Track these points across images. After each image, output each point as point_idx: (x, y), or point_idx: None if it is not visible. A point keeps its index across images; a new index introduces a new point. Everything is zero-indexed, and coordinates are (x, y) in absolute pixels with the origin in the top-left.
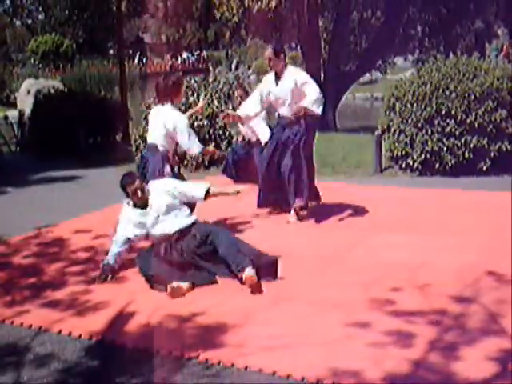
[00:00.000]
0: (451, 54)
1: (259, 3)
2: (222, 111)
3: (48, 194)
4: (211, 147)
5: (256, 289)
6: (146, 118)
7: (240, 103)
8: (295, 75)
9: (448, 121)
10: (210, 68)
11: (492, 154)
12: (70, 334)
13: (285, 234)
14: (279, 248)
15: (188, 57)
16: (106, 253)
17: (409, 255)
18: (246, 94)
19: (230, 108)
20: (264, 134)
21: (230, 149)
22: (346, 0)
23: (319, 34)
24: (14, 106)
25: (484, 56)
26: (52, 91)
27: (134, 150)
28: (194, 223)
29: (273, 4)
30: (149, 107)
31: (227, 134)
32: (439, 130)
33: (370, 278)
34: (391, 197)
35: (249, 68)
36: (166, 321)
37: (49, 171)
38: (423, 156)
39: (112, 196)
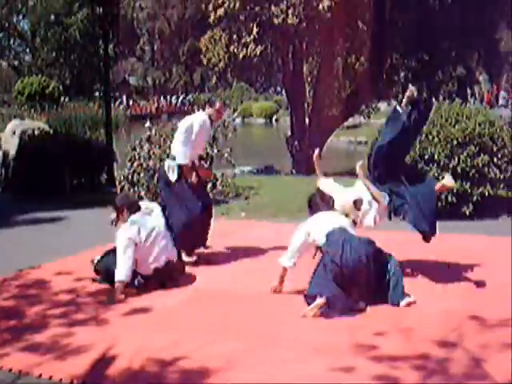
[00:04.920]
0: (434, 100)
1: (245, 50)
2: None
3: (31, 235)
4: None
5: None
6: (131, 159)
7: None
8: None
9: (431, 165)
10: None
11: (475, 199)
12: (50, 377)
13: (266, 275)
14: (262, 288)
15: (174, 99)
16: (88, 295)
17: None
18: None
19: (216, 151)
20: None
21: None
22: (330, 46)
23: (304, 79)
24: None
25: (466, 102)
26: (37, 132)
27: (118, 191)
28: None
29: (258, 51)
30: (134, 149)
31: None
32: None
33: (355, 321)
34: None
35: (234, 111)
36: (148, 365)
37: (33, 212)
38: None
39: (96, 238)
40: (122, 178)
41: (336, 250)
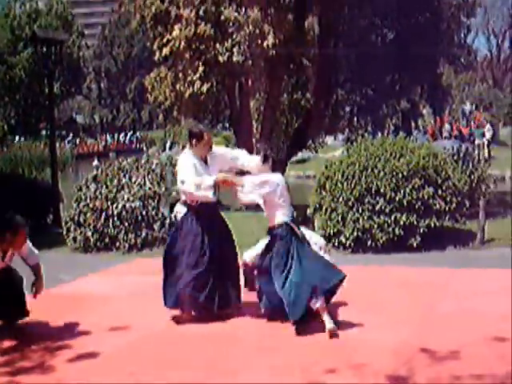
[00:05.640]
0: (379, 133)
1: (191, 88)
2: (154, 192)
3: None
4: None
5: None
6: (77, 200)
7: None
8: None
9: (378, 199)
10: (144, 148)
11: (421, 231)
12: None
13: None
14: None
15: (122, 137)
16: (34, 341)
17: (343, 334)
18: None
19: (163, 189)
20: None
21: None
22: (277, 83)
23: (251, 115)
24: None
25: (410, 135)
26: None
27: (64, 232)
28: None
29: (204, 88)
30: (80, 189)
31: (160, 215)
32: (369, 207)
33: (307, 359)
34: None
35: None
36: None
37: None
38: (355, 234)
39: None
40: (69, 219)
41: None
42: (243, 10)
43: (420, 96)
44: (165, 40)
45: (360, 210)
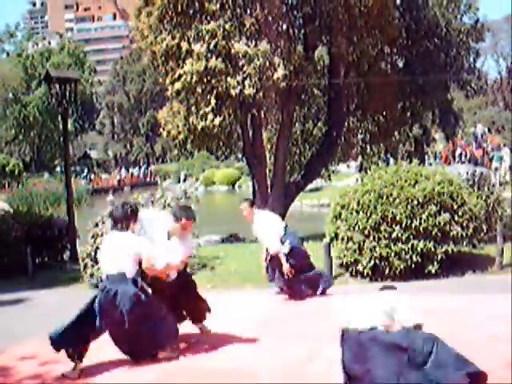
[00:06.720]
0: (392, 160)
1: (204, 121)
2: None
3: None
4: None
5: None
6: (93, 236)
7: None
8: None
9: (394, 226)
10: (159, 181)
11: (439, 257)
12: None
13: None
14: (238, 361)
15: (136, 171)
16: (54, 380)
17: None
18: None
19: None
20: None
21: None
22: (288, 113)
23: (264, 146)
24: None
25: (424, 161)
26: None
27: (82, 268)
28: None
29: (217, 121)
30: (96, 225)
31: None
32: (386, 235)
33: None
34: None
35: (197, 180)
36: None
37: None
38: (372, 262)
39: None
40: (85, 255)
41: None
42: (253, 42)
43: (432, 121)
44: (176, 75)
45: (376, 238)
